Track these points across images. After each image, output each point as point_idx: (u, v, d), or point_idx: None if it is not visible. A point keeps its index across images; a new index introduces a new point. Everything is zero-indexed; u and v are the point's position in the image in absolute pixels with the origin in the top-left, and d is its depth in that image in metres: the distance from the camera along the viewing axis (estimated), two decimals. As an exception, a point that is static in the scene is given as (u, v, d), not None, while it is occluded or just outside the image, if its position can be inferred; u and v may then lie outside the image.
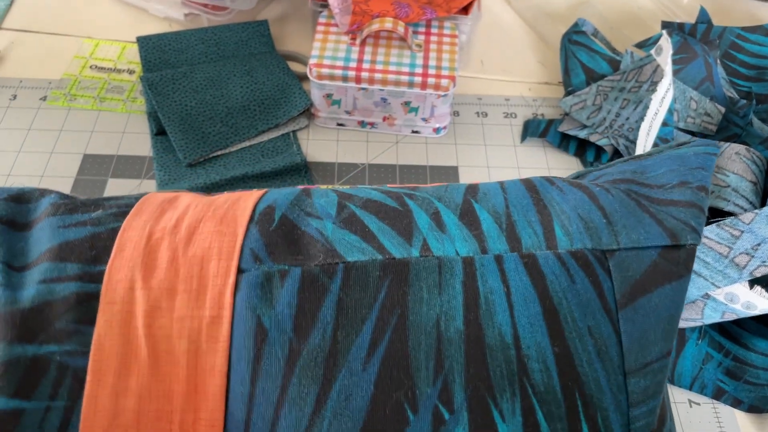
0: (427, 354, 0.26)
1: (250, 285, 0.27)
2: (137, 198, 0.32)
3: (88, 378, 0.26)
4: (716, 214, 0.51)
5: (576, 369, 0.27)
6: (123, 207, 0.31)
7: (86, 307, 0.27)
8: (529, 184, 0.32)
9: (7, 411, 0.25)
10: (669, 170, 0.32)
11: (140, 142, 0.56)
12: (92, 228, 0.29)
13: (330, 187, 0.34)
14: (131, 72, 0.62)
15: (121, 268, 0.28)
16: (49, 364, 0.26)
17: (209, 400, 0.26)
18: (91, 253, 0.28)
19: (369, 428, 0.25)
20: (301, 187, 0.34)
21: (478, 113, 0.61)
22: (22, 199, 0.32)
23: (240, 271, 0.28)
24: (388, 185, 0.36)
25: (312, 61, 0.54)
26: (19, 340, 0.26)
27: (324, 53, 0.55)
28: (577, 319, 0.27)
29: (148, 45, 0.61)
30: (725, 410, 0.44)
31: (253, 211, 0.30)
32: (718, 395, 0.44)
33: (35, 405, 0.26)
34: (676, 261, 0.28)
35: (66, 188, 0.52)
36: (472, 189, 0.32)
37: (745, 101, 0.57)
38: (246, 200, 0.31)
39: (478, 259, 0.28)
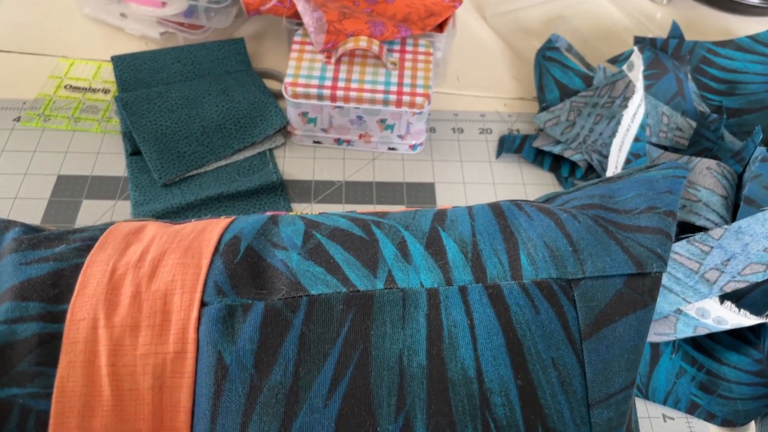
0: (389, 390, 0.26)
1: (212, 320, 0.27)
2: (102, 230, 0.32)
3: (51, 421, 0.26)
4: (687, 229, 0.51)
5: (539, 402, 0.26)
6: (87, 240, 0.31)
7: (48, 347, 0.27)
8: (497, 210, 0.32)
9: None
10: (637, 194, 0.32)
11: (115, 163, 0.56)
12: (55, 264, 0.29)
13: (299, 212, 0.34)
14: (106, 92, 0.62)
15: (83, 306, 0.28)
16: (12, 407, 0.26)
17: None
18: (53, 292, 0.28)
19: None
20: (269, 213, 0.34)
21: (454, 129, 0.61)
22: None
23: (203, 304, 0.28)
24: (358, 210, 0.37)
25: (287, 79, 0.54)
26: None
27: (299, 72, 0.55)
28: (540, 351, 0.27)
29: (122, 64, 0.61)
30: (699, 424, 0.44)
31: (219, 241, 0.30)
32: (691, 409, 0.45)
33: None
34: (641, 290, 0.28)
35: (40, 210, 0.52)
36: (440, 216, 0.32)
37: (716, 115, 0.58)
38: (212, 230, 0.31)
39: (443, 291, 0.28)
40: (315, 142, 0.59)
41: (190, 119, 0.57)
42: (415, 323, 0.27)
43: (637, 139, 0.53)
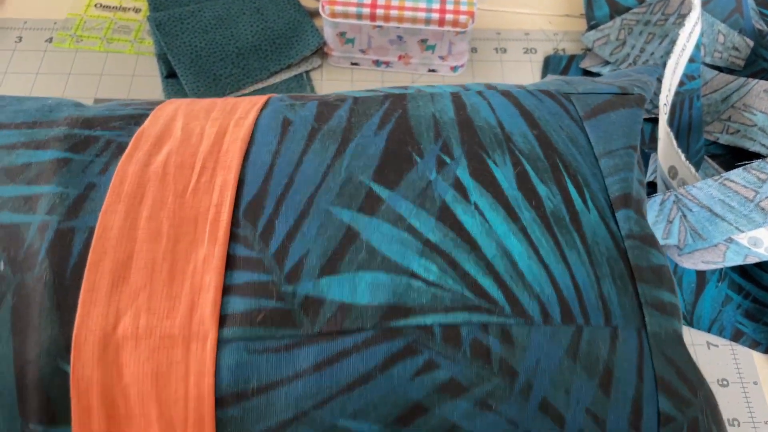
0: (427, 128, 0.31)
1: (275, 105, 0.34)
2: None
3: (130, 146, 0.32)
4: (742, 155, 0.50)
5: (554, 145, 0.31)
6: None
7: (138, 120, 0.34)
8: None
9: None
10: (612, 75, 0.39)
11: (151, 85, 0.55)
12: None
13: None
14: (137, 11, 0.60)
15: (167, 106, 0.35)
16: (99, 138, 0.32)
17: (229, 154, 0.31)
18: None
19: (383, 165, 0.30)
20: None
21: (496, 49, 0.59)
22: None
23: (266, 103, 0.34)
24: None
25: (325, -3, 0.52)
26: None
27: (337, -11, 0.53)
28: (549, 120, 0.33)
29: (153, -19, 0.59)
30: (743, 352, 0.44)
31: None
32: (736, 337, 0.45)
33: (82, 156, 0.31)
34: (627, 100, 0.34)
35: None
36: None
37: (775, 34, 0.54)
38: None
39: (463, 92, 0.35)
40: (353, 63, 0.57)
41: (225, 40, 0.55)
42: (443, 101, 0.33)
43: (692, 60, 0.50)
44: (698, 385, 0.27)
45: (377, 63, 0.57)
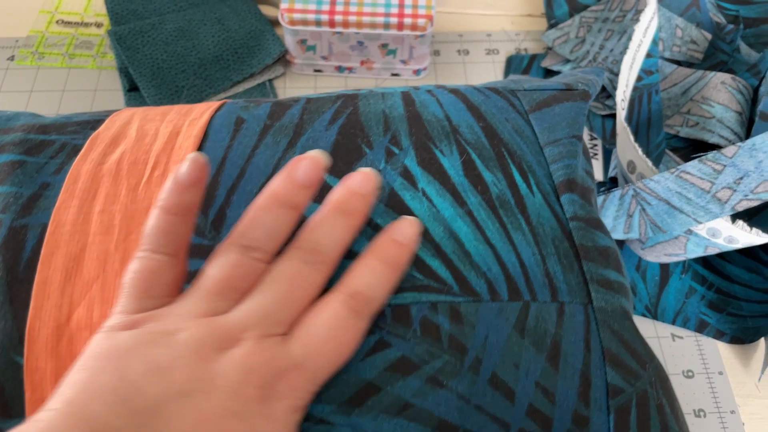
0: (377, 123, 0.32)
1: (231, 106, 0.34)
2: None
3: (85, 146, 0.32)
4: (700, 147, 0.50)
5: (499, 136, 0.32)
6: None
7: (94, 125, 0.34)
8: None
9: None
10: (560, 77, 0.39)
11: (114, 100, 0.55)
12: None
13: None
14: (99, 26, 0.60)
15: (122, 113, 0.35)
16: (55, 142, 0.32)
17: (182, 150, 0.31)
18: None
19: (332, 157, 0.31)
20: None
21: (459, 51, 0.59)
22: None
23: (221, 106, 0.35)
24: None
25: (283, 5, 0.52)
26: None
27: (295, -3, 0.53)
28: (495, 113, 0.33)
29: (113, -4, 0.59)
30: (708, 342, 0.45)
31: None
32: (701, 328, 0.45)
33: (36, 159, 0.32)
34: (571, 95, 0.35)
35: (41, 151, 0.52)
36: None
37: (732, 26, 0.55)
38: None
39: (413, 90, 0.35)
40: (316, 70, 0.57)
41: (187, 51, 0.55)
42: (393, 98, 0.34)
43: (649, 55, 0.51)
44: (647, 359, 0.28)
45: (340, 69, 0.57)
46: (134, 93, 0.55)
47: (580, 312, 0.28)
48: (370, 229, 0.28)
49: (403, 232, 0.27)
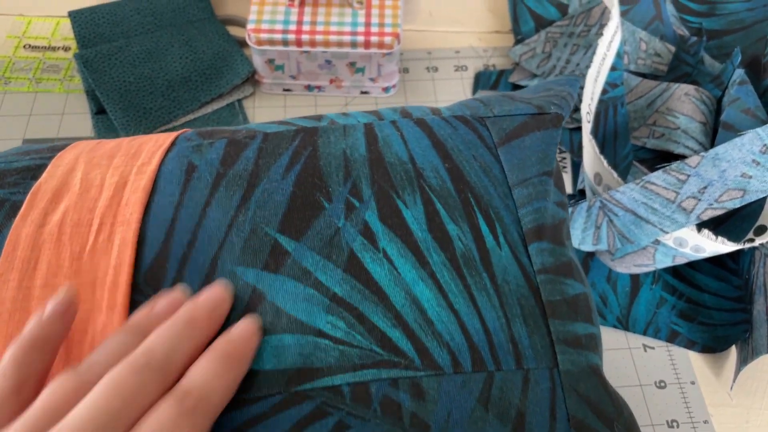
0: (337, 168, 0.31)
1: (182, 145, 0.33)
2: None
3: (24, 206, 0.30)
4: (666, 158, 0.50)
5: (466, 178, 0.31)
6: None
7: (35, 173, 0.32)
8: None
9: None
10: (533, 89, 0.39)
11: (81, 123, 0.55)
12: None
13: None
14: (67, 49, 0.60)
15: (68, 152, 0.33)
16: None
17: (129, 207, 0.30)
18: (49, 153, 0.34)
19: (289, 214, 0.29)
20: None
21: (428, 68, 0.60)
22: None
23: (173, 144, 0.33)
24: None
25: (250, 26, 0.52)
26: None
27: (262, 17, 0.53)
28: (462, 150, 0.32)
29: (80, 19, 0.58)
30: (679, 352, 0.45)
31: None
32: (672, 338, 0.45)
33: None
34: (542, 121, 0.34)
35: (7, 176, 0.51)
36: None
37: (695, 38, 0.56)
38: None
39: (377, 123, 0.34)
40: (285, 90, 0.57)
41: (154, 73, 0.55)
42: (355, 134, 0.33)
43: (614, 68, 0.51)
44: (615, 416, 0.27)
45: (309, 88, 0.57)
46: (101, 116, 0.54)
47: (545, 378, 0.27)
48: (327, 299, 0.27)
49: (239, 330, 0.26)
